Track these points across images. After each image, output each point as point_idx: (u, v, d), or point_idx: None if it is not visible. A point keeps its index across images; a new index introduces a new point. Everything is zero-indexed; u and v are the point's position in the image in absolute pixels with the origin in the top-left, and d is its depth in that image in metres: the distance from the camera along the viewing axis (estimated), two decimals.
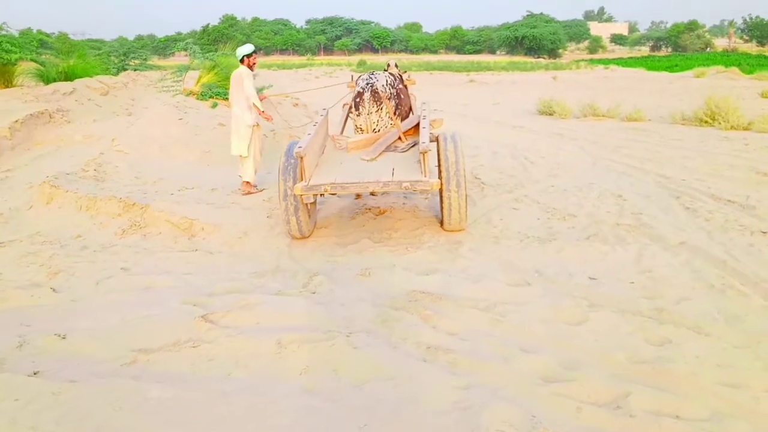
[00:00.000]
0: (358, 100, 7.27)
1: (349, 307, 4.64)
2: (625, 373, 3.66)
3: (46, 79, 15.93)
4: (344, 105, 8.04)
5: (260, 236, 6.78)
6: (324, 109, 7.96)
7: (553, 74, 37.35)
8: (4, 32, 15.43)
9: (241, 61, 8.43)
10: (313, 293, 5.05)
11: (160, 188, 8.63)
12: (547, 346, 4.02)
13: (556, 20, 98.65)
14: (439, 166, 6.29)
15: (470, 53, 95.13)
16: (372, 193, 7.66)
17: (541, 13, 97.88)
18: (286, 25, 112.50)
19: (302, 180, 6.08)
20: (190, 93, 14.20)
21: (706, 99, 13.62)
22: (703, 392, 3.45)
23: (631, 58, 69.20)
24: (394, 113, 7.28)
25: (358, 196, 7.95)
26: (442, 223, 6.57)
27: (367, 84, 7.25)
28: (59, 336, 4.28)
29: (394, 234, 6.64)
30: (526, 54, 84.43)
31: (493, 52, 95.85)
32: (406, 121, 7.28)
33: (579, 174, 9.10)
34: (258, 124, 8.50)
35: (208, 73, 14.88)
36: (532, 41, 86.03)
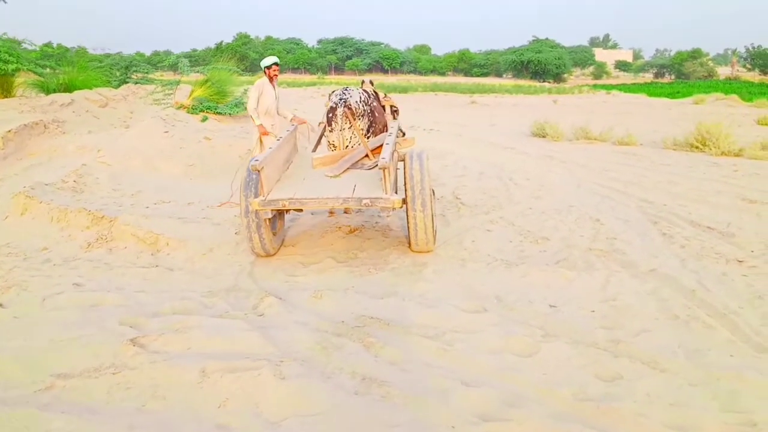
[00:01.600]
0: (330, 115, 7.06)
1: (289, 332, 4.38)
2: (568, 411, 3.39)
3: (47, 91, 15.93)
4: (320, 123, 7.86)
5: (224, 253, 6.56)
6: (292, 124, 7.79)
7: (554, 98, 37.09)
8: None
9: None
10: (260, 316, 4.81)
11: (136, 201, 8.47)
12: (490, 379, 3.75)
13: (562, 46, 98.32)
14: (405, 185, 6.08)
15: (477, 76, 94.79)
16: (345, 211, 7.46)
17: (547, 39, 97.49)
18: (298, 45, 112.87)
19: (261, 195, 5.88)
20: (181, 106, 14.09)
21: (696, 125, 13.40)
22: None
23: (634, 84, 68.77)
24: (368, 131, 7.06)
25: (330, 213, 7.76)
26: (410, 244, 6.35)
27: (341, 99, 7.03)
28: None
29: (360, 254, 6.41)
30: (531, 78, 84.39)
31: (499, 75, 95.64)
32: (375, 138, 7.05)
33: (561, 196, 8.85)
34: (268, 133, 8.57)
35: (200, 87, 14.78)
36: (538, 65, 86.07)
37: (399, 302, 5.00)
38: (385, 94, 8.25)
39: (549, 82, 76.64)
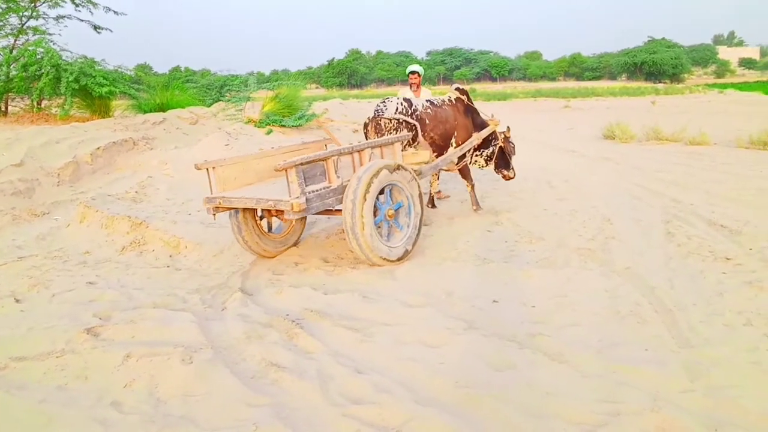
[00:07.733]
0: (365, 131, 7.34)
1: (225, 324, 4.66)
2: (438, 398, 3.44)
3: (143, 111, 17.17)
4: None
5: (233, 254, 6.94)
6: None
7: (652, 99, 35.31)
8: (99, 67, 16.69)
9: None
10: (223, 310, 5.13)
11: (182, 209, 9.03)
12: (385, 368, 3.84)
13: (680, 45, 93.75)
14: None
15: (589, 80, 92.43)
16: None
17: (663, 38, 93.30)
18: (407, 57, 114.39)
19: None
20: (250, 120, 14.87)
21: None
22: (498, 421, 3.18)
23: (757, 82, 64.51)
24: (413, 140, 7.13)
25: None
26: None
27: (375, 112, 7.27)
28: None
29: (350, 254, 6.60)
30: (645, 79, 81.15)
31: (613, 78, 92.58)
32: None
33: (588, 198, 8.64)
34: None
35: (270, 102, 15.51)
36: (652, 66, 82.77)
37: (349, 298, 5.12)
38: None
39: (665, 83, 73.25)
